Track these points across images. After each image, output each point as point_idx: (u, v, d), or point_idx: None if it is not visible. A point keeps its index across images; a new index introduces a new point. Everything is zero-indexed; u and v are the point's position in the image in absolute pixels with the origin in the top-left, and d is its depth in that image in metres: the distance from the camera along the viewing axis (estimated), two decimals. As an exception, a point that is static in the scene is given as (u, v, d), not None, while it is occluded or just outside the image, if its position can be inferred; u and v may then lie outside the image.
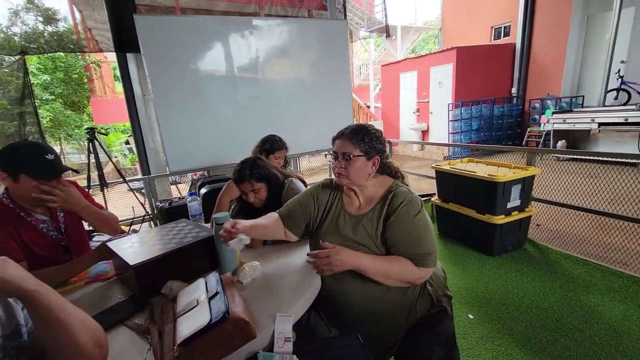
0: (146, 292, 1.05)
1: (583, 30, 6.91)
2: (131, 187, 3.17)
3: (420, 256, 1.05)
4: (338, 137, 1.15)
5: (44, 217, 1.31)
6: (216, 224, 1.14)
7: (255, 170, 1.46)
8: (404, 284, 1.08)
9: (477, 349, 1.71)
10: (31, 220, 1.25)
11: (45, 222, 1.31)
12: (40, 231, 1.28)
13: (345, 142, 1.11)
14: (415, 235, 1.06)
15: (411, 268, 1.05)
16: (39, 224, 1.28)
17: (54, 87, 8.48)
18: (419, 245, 1.05)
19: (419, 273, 1.06)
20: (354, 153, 1.09)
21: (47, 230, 1.30)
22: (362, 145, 1.10)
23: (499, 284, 2.29)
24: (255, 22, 3.61)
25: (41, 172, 1.18)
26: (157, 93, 3.17)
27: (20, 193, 1.19)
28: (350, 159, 1.09)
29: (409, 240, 1.06)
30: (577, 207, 2.74)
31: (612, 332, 1.75)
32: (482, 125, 7.42)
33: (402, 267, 1.05)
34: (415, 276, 1.06)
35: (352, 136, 1.11)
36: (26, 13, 5.99)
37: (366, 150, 1.10)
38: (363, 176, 1.12)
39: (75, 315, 0.66)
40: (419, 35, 11.80)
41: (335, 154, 1.14)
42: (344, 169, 1.11)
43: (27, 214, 1.25)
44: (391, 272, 1.05)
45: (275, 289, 1.07)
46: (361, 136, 1.11)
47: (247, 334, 0.82)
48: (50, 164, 1.19)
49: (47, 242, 1.29)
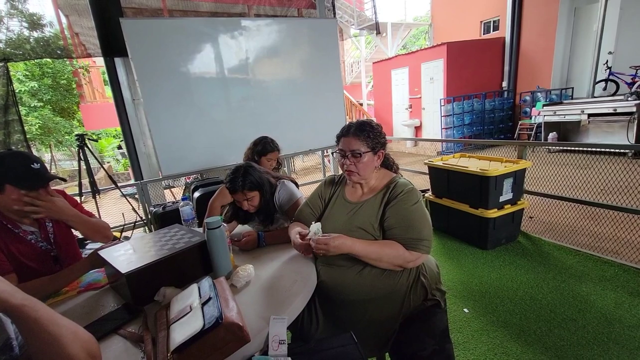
0: (139, 300, 1.04)
1: (571, 23, 6.99)
2: (124, 193, 3.14)
3: (413, 240, 1.09)
4: (344, 134, 1.18)
5: (32, 228, 1.29)
6: (208, 228, 1.13)
7: (248, 180, 1.45)
8: (396, 267, 1.11)
9: (473, 342, 1.73)
10: (19, 232, 1.23)
11: (34, 233, 1.29)
12: (29, 242, 1.26)
13: (353, 140, 1.15)
14: (410, 220, 1.10)
15: (402, 251, 1.09)
16: (27, 235, 1.26)
17: (42, 94, 8.36)
18: (413, 229, 1.09)
19: (409, 257, 1.09)
20: (362, 150, 1.15)
21: (35, 241, 1.28)
22: (369, 141, 1.15)
23: (493, 277, 2.32)
24: (244, 23, 3.59)
25: (27, 182, 1.15)
26: (147, 97, 3.15)
27: (6, 204, 1.16)
28: (360, 156, 1.14)
29: (404, 224, 1.10)
30: (568, 198, 2.78)
31: (605, 321, 1.78)
32: (474, 119, 7.47)
33: (394, 251, 1.08)
34: (406, 259, 1.09)
35: (358, 133, 1.15)
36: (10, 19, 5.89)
37: (373, 146, 1.16)
38: (371, 170, 1.18)
39: (65, 327, 0.65)
40: (410, 31, 11.82)
41: (343, 152, 1.17)
42: (354, 166, 1.15)
43: (14, 225, 1.22)
44: (383, 255, 1.09)
45: (270, 291, 1.08)
46: (367, 132, 1.15)
47: (241, 338, 0.82)
48: (36, 173, 1.17)
49: (36, 254, 1.27)
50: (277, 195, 1.54)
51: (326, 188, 1.33)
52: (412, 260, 1.10)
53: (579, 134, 6.00)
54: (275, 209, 1.55)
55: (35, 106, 8.16)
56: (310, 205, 1.33)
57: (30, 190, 1.16)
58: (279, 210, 1.55)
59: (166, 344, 0.83)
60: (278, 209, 1.55)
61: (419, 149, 8.26)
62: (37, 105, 8.18)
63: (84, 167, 2.86)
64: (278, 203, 1.54)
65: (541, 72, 7.28)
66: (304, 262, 1.24)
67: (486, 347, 1.69)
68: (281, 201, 1.53)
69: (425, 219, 1.12)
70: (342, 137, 1.19)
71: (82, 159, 2.86)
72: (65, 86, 8.85)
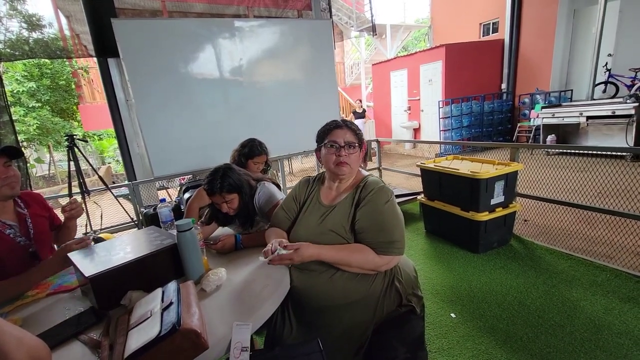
0: (105, 304, 1.02)
1: (570, 25, 6.95)
2: (115, 195, 3.13)
3: (384, 244, 1.07)
4: (337, 127, 1.18)
5: (12, 222, 1.30)
6: (178, 231, 1.11)
7: (226, 182, 1.42)
8: (367, 271, 1.10)
9: (457, 348, 1.70)
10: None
11: (12, 227, 1.30)
12: (6, 236, 1.27)
13: (348, 132, 1.16)
14: (381, 221, 1.08)
15: (372, 256, 1.07)
16: (6, 229, 1.27)
17: (41, 94, 8.39)
18: (384, 232, 1.07)
19: (380, 261, 1.07)
20: (356, 142, 1.16)
21: (14, 235, 1.29)
22: (357, 136, 1.18)
23: (482, 281, 2.28)
24: (237, 24, 3.58)
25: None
26: (138, 98, 3.14)
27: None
28: (354, 148, 1.14)
29: (375, 227, 1.08)
30: (562, 201, 2.73)
31: (593, 327, 1.75)
32: (472, 121, 7.44)
33: (364, 256, 1.07)
34: (377, 264, 1.07)
35: (351, 127, 1.18)
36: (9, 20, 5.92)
37: (360, 142, 1.18)
38: (358, 165, 1.19)
39: (9, 333, 0.63)
40: (409, 33, 11.80)
41: (337, 143, 1.14)
42: (348, 157, 1.15)
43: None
44: (352, 260, 1.07)
45: (239, 296, 1.05)
46: (354, 129, 1.19)
47: (198, 346, 0.79)
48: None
49: (13, 248, 1.27)
50: (256, 197, 1.52)
51: (301, 190, 1.32)
52: (383, 264, 1.08)
53: (578, 136, 5.95)
54: (255, 211, 1.52)
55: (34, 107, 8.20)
56: (285, 208, 1.31)
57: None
58: (259, 213, 1.53)
59: (122, 350, 0.81)
60: (258, 211, 1.53)
61: (417, 151, 8.23)
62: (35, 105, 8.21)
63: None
64: (258, 205, 1.52)
65: (540, 74, 7.24)
66: (278, 266, 1.21)
67: (471, 354, 1.66)
68: (261, 203, 1.51)
69: (397, 219, 1.10)
70: (333, 130, 1.17)
71: (72, 159, 2.85)
72: (65, 87, 8.89)
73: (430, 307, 2.04)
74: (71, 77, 9.06)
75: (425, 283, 2.31)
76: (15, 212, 1.34)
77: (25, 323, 1.00)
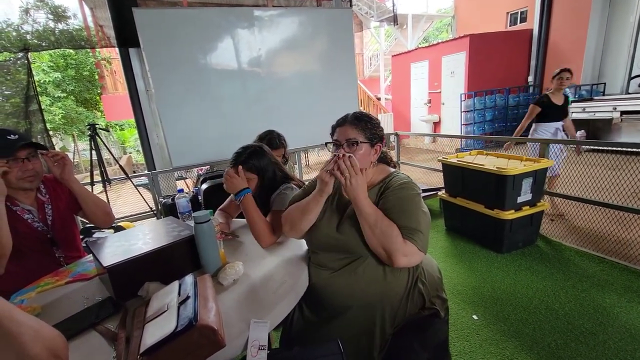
0: (122, 295, 1.01)
1: (605, 14, 6.53)
2: (135, 184, 3.17)
3: (408, 229, 0.98)
4: (339, 124, 1.11)
5: (31, 207, 1.32)
6: (195, 222, 1.08)
7: (251, 160, 1.40)
8: (382, 252, 0.99)
9: (480, 352, 1.62)
10: (16, 210, 1.27)
11: (31, 212, 1.32)
12: (25, 221, 1.29)
13: (349, 129, 1.08)
14: (407, 206, 1.02)
15: (397, 235, 0.97)
16: (24, 214, 1.29)
17: (66, 85, 8.64)
18: (409, 217, 1.00)
19: (401, 245, 0.96)
20: (359, 139, 1.06)
21: (32, 221, 1.31)
22: (366, 131, 1.08)
23: (507, 282, 2.18)
24: (256, 13, 3.52)
25: (6, 150, 1.20)
26: (158, 88, 3.15)
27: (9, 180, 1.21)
28: (356, 145, 1.05)
29: (398, 208, 1.01)
30: (594, 201, 2.58)
31: (629, 337, 1.63)
32: (496, 115, 7.15)
33: (390, 229, 0.97)
34: (397, 247, 0.96)
35: (355, 122, 1.08)
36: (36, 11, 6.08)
37: (370, 137, 1.08)
38: (368, 163, 1.09)
39: (26, 324, 0.62)
40: (431, 23, 11.43)
41: (338, 142, 1.09)
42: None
43: (12, 203, 1.26)
44: (380, 224, 0.97)
45: (258, 291, 1.02)
46: (364, 123, 1.08)
47: (215, 343, 0.76)
48: (13, 142, 1.22)
49: (31, 233, 1.30)
50: (274, 195, 1.46)
51: None
52: (403, 252, 0.96)
53: (611, 132, 5.63)
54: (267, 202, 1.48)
55: (59, 97, 8.46)
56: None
57: (9, 156, 1.21)
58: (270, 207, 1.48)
59: (138, 344, 0.78)
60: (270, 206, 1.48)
61: (437, 145, 8.02)
62: (60, 95, 8.47)
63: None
64: (271, 200, 1.47)
65: (571, 66, 6.73)
66: (296, 262, 1.18)
67: (495, 359, 1.58)
68: (274, 199, 1.45)
69: (422, 212, 1.02)
70: (337, 128, 1.11)
71: (94, 148, 2.89)
72: (88, 77, 9.12)
73: (451, 308, 1.96)
74: (94, 68, 9.28)
75: (445, 283, 2.20)
76: (35, 197, 1.35)
77: (44, 311, 1.00)
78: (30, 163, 1.27)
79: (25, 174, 1.26)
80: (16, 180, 1.24)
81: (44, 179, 1.40)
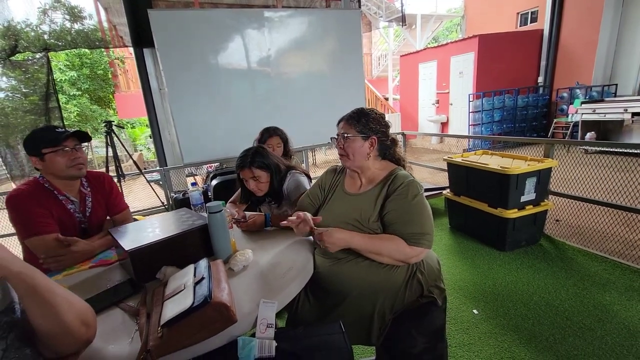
0: (142, 277, 1.09)
1: (618, 13, 6.45)
2: (148, 180, 3.28)
3: (414, 235, 1.07)
4: (339, 121, 1.25)
5: (74, 198, 1.44)
6: (209, 212, 1.16)
7: (257, 158, 1.49)
8: (397, 262, 1.10)
9: (479, 344, 1.67)
10: (62, 199, 1.39)
11: (74, 203, 1.44)
12: (68, 210, 1.41)
13: (345, 125, 1.21)
14: (411, 214, 1.09)
15: (404, 247, 1.07)
16: (68, 204, 1.41)
17: (81, 83, 8.89)
18: (414, 224, 1.08)
19: (410, 252, 1.07)
20: (349, 133, 1.18)
21: (74, 211, 1.43)
22: (358, 126, 1.18)
23: (508, 279, 2.22)
24: (266, 14, 3.61)
25: (56, 140, 1.31)
26: (171, 87, 3.26)
27: (51, 170, 1.33)
28: (346, 139, 1.18)
29: (404, 219, 1.09)
30: (600, 201, 2.59)
31: (627, 333, 1.67)
32: (504, 116, 7.12)
33: (395, 246, 1.07)
34: (408, 255, 1.07)
35: (349, 119, 1.21)
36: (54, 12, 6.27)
37: (362, 131, 1.18)
38: (362, 156, 1.19)
39: (61, 295, 0.70)
40: (440, 23, 11.39)
41: (336, 137, 1.23)
42: (343, 149, 1.19)
43: (59, 192, 1.38)
44: (383, 249, 1.08)
45: (266, 276, 1.10)
46: (358, 118, 1.19)
47: (228, 318, 0.84)
48: (61, 132, 1.34)
49: (70, 221, 1.42)
50: (285, 185, 1.55)
51: (327, 177, 1.35)
52: (414, 255, 1.08)
53: (621, 134, 5.57)
54: (282, 196, 1.57)
55: (75, 95, 8.70)
56: (310, 196, 1.35)
57: (58, 144, 1.32)
58: (287, 199, 1.57)
59: (158, 318, 0.87)
60: (286, 197, 1.57)
61: (444, 146, 8.01)
62: (76, 93, 8.72)
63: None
64: (286, 192, 1.56)
65: (582, 67, 6.80)
66: (302, 250, 1.25)
67: (493, 350, 1.63)
68: (289, 190, 1.55)
69: (427, 213, 1.10)
70: (338, 124, 1.24)
71: (110, 145, 3.01)
72: (102, 76, 9.36)
73: (452, 302, 2.02)
74: (108, 67, 9.51)
75: (448, 278, 2.28)
76: (79, 190, 1.47)
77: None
78: (80, 151, 1.39)
79: (74, 162, 1.37)
80: (66, 168, 1.35)
81: (87, 173, 1.51)
